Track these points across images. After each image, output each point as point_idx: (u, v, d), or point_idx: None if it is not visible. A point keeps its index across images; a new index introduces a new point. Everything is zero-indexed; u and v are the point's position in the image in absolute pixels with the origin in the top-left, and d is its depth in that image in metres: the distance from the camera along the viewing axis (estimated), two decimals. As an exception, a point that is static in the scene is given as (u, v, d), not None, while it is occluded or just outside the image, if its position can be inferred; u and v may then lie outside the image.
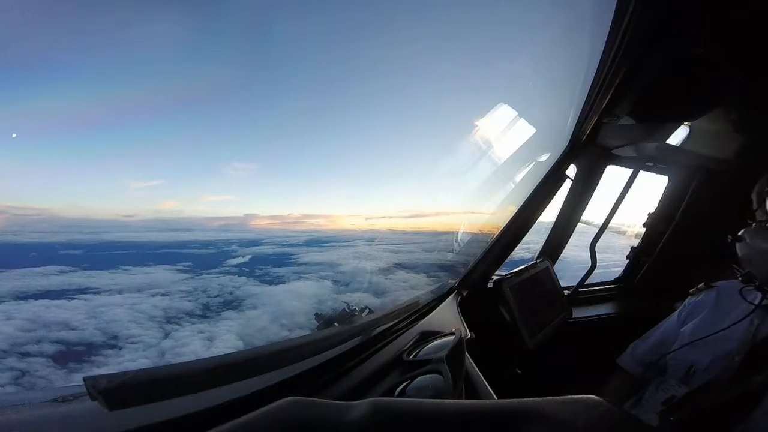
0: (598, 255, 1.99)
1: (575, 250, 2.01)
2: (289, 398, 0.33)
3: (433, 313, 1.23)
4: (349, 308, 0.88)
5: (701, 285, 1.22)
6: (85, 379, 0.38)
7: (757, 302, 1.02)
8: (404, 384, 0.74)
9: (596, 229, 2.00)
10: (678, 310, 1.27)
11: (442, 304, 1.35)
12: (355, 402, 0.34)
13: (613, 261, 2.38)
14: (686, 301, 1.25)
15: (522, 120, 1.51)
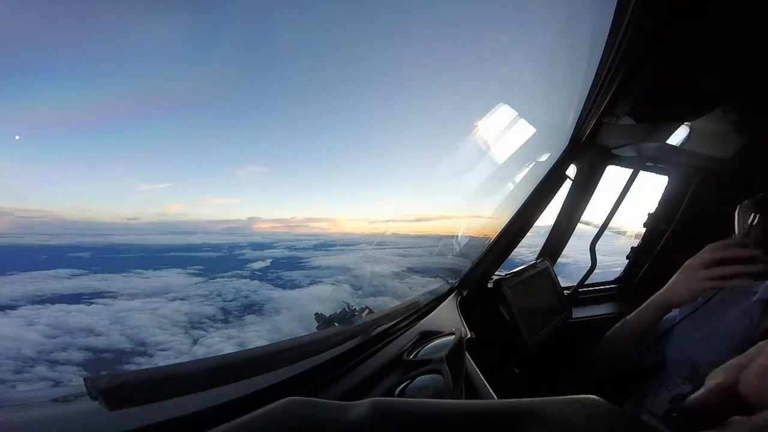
0: (598, 257, 1.99)
1: (586, 253, 2.02)
2: (289, 398, 0.34)
3: (433, 313, 1.23)
4: (349, 308, 0.88)
5: None
6: (85, 379, 0.38)
7: (755, 298, 1.03)
8: (404, 384, 0.74)
9: (596, 230, 2.01)
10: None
11: (442, 304, 1.35)
12: (355, 402, 0.34)
13: (615, 263, 2.38)
14: None
15: (522, 120, 1.51)
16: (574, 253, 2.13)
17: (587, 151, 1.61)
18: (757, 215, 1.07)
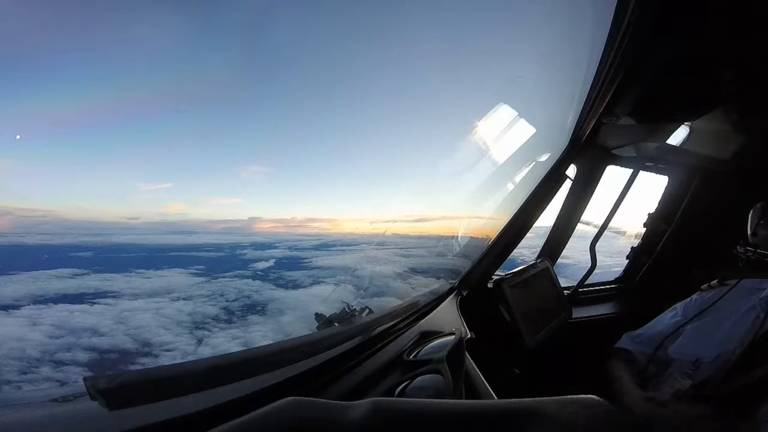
0: (598, 257, 1.99)
1: (586, 253, 2.02)
2: (289, 398, 0.34)
3: (433, 313, 1.23)
4: (349, 308, 0.88)
5: (714, 282, 1.23)
6: (85, 379, 0.38)
7: (763, 295, 1.03)
8: (404, 384, 0.74)
9: (596, 230, 2.01)
10: (682, 303, 1.27)
11: (442, 304, 1.35)
12: (355, 402, 0.34)
13: (615, 263, 2.38)
14: (694, 296, 1.26)
15: (523, 120, 1.51)
16: (575, 253, 2.13)
17: (587, 151, 1.61)
18: (765, 215, 1.11)
